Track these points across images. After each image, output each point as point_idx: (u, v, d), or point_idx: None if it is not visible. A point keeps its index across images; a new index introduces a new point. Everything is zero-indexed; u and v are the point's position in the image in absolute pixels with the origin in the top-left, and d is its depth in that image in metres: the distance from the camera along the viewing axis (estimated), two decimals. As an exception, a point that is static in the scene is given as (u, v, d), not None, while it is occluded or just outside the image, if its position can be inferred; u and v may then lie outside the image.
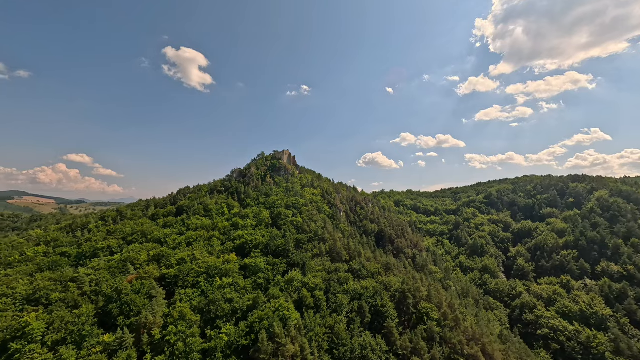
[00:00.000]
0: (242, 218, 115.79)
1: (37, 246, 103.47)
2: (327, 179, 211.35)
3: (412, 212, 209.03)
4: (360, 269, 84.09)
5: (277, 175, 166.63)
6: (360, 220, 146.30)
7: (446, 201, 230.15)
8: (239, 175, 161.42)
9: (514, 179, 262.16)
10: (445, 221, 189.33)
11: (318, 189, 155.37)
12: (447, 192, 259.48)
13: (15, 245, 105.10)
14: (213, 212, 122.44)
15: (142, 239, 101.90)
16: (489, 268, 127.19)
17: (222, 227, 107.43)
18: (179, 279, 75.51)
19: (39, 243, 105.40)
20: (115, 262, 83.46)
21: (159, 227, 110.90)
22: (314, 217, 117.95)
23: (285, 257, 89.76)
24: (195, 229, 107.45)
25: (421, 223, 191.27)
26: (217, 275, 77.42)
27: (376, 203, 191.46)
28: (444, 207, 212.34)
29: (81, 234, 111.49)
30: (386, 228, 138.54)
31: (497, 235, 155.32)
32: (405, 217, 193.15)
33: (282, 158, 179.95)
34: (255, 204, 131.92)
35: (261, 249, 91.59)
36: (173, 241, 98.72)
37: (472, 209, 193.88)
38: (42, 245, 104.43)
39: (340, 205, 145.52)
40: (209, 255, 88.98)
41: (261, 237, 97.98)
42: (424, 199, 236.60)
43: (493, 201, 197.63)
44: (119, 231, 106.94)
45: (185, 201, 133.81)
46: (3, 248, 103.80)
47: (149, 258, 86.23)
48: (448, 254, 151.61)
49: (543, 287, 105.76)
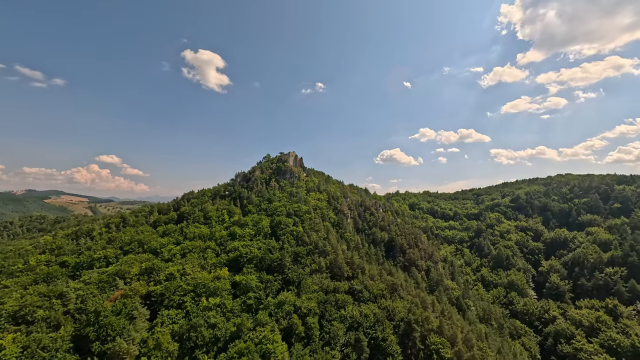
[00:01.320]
0: (240, 226, 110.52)
1: (42, 254, 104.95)
2: (337, 181, 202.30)
3: (428, 216, 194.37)
4: (361, 290, 75.01)
5: (283, 179, 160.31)
6: (369, 227, 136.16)
7: (467, 204, 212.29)
8: (243, 179, 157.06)
9: (545, 178, 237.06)
10: (465, 227, 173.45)
11: (324, 193, 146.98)
12: (468, 193, 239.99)
13: (22, 252, 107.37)
14: (213, 220, 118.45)
15: (139, 249, 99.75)
16: (516, 284, 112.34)
17: (219, 237, 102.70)
18: (164, 297, 70.93)
19: (43, 251, 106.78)
20: (106, 275, 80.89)
21: (157, 235, 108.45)
22: (316, 225, 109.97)
23: (280, 273, 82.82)
24: (192, 238, 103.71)
25: (438, 229, 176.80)
26: (205, 294, 72.07)
27: (389, 207, 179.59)
28: (464, 211, 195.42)
29: (84, 242, 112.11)
30: (397, 237, 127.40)
31: (526, 246, 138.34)
32: (421, 222, 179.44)
33: (287, 160, 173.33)
34: (256, 210, 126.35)
35: (255, 264, 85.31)
36: (168, 252, 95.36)
37: (496, 213, 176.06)
38: (46, 252, 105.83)
39: (347, 211, 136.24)
40: (200, 270, 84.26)
41: (257, 249, 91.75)
42: (442, 202, 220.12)
43: (521, 205, 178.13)
44: (119, 240, 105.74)
45: (187, 207, 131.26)
46: (10, 256, 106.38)
47: (140, 271, 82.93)
48: (468, 265, 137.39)
49: (583, 312, 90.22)
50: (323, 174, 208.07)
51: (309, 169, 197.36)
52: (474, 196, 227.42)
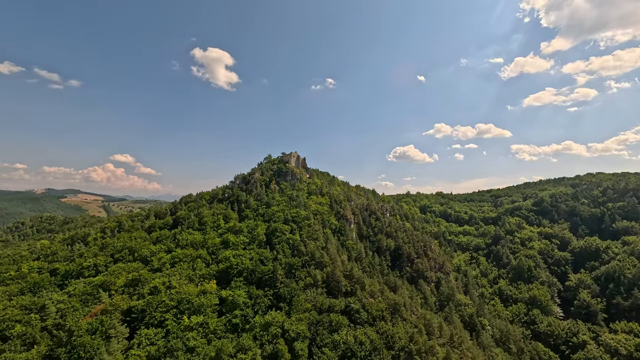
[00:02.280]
0: (235, 233, 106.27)
1: (36, 260, 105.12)
2: (342, 182, 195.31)
3: (441, 220, 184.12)
4: (359, 310, 68.48)
5: (284, 181, 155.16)
6: (374, 234, 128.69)
7: (484, 206, 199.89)
8: (242, 182, 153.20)
9: (573, 178, 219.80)
10: (482, 232, 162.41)
11: (326, 197, 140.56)
12: (486, 195, 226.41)
13: (17, 258, 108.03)
14: (208, 225, 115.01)
15: (129, 257, 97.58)
16: (539, 300, 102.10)
17: (211, 245, 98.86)
18: (146, 313, 67.29)
19: (38, 257, 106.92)
20: (91, 286, 78.60)
21: (149, 242, 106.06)
22: (315, 233, 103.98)
23: (271, 288, 77.59)
24: (184, 246, 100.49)
25: (451, 234, 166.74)
26: (188, 312, 67.91)
27: (398, 210, 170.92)
28: (480, 215, 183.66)
29: (78, 247, 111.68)
30: (404, 245, 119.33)
31: (551, 255, 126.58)
32: (433, 227, 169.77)
33: (289, 161, 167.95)
34: (254, 215, 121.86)
35: (245, 276, 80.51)
36: (158, 260, 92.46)
37: (517, 218, 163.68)
38: (40, 259, 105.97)
39: (350, 216, 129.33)
40: (188, 282, 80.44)
41: (249, 260, 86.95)
42: (456, 204, 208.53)
43: (545, 209, 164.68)
44: (111, 246, 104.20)
45: (183, 211, 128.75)
46: (5, 261, 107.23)
47: (126, 282, 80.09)
48: (484, 276, 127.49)
49: (619, 337, 79.62)
50: (328, 174, 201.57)
51: (313, 170, 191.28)
52: (492, 198, 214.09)
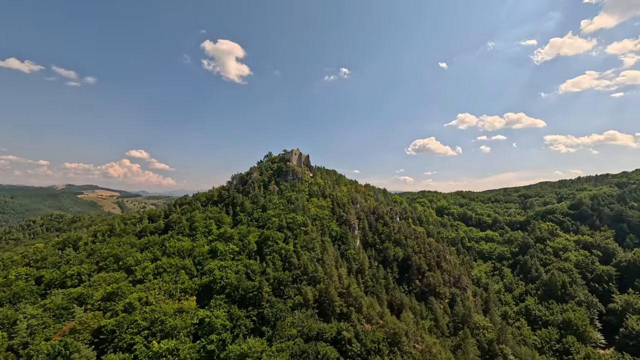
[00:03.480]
0: (225, 241, 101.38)
1: (26, 266, 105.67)
2: (349, 181, 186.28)
3: (460, 223, 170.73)
4: (351, 339, 60.68)
5: (284, 181, 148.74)
6: (381, 241, 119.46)
7: (510, 208, 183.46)
8: (239, 182, 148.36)
9: (619, 175, 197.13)
10: (507, 239, 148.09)
11: (328, 199, 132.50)
12: (513, 194, 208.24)
13: (8, 263, 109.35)
14: (198, 231, 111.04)
15: (114, 265, 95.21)
16: (575, 325, 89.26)
17: (198, 254, 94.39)
18: (115, 335, 63.34)
19: (28, 262, 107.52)
20: (67, 299, 76.29)
21: (136, 249, 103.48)
22: (310, 242, 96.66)
23: (256, 307, 71.44)
24: (171, 254, 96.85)
25: (472, 240, 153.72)
26: (160, 334, 63.24)
27: (411, 212, 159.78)
28: (506, 218, 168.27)
29: (68, 252, 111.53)
30: (414, 255, 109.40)
31: (591, 270, 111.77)
32: (450, 232, 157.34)
33: (290, 159, 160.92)
34: (247, 220, 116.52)
35: (228, 293, 74.87)
36: (142, 270, 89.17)
37: (549, 223, 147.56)
38: (31, 264, 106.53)
39: (354, 221, 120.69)
40: (167, 297, 76.23)
41: (234, 273, 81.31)
42: (477, 205, 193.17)
43: (584, 212, 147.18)
44: (98, 253, 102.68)
45: (176, 215, 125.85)
46: None
47: (103, 296, 77.06)
48: (508, 292, 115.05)
49: (679, 380, 66.48)
50: (335, 172, 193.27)
51: (317, 168, 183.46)
52: (520, 198, 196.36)
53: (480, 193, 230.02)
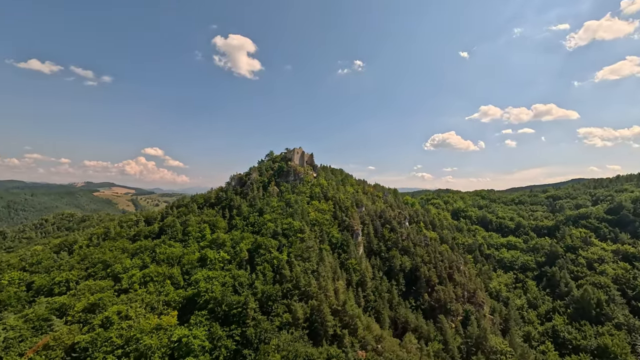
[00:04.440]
0: (217, 247, 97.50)
1: (22, 270, 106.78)
2: (358, 181, 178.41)
3: (478, 228, 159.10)
4: (341, 370, 54.38)
5: (285, 182, 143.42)
6: (387, 249, 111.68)
7: (537, 211, 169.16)
8: (238, 183, 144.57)
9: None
10: (532, 247, 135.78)
11: (330, 202, 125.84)
12: (540, 195, 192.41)
13: (4, 267, 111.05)
14: (191, 236, 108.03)
15: (102, 272, 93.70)
16: (613, 353, 78.45)
17: (187, 262, 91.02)
18: (88, 354, 60.48)
19: (24, 267, 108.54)
20: (49, 310, 74.90)
21: (127, 255, 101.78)
22: (306, 251, 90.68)
23: (240, 326, 66.55)
24: (160, 261, 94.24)
25: (491, 247, 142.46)
26: (134, 354, 59.72)
27: (422, 216, 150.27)
28: (531, 223, 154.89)
29: (62, 257, 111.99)
30: (423, 265, 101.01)
31: (632, 286, 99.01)
32: (467, 238, 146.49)
33: (292, 158, 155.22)
34: (243, 224, 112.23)
35: (211, 308, 70.45)
36: (129, 278, 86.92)
37: (582, 229, 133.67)
38: (26, 268, 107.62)
39: (357, 227, 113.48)
40: (148, 311, 72.98)
41: (220, 285, 76.88)
42: (499, 207, 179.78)
43: (625, 218, 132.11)
44: (89, 258, 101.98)
45: (171, 218, 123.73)
46: None
47: (84, 307, 75.01)
48: (532, 308, 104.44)
49: None
50: (341, 172, 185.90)
51: (322, 168, 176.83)
52: (549, 200, 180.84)
53: (502, 193, 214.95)
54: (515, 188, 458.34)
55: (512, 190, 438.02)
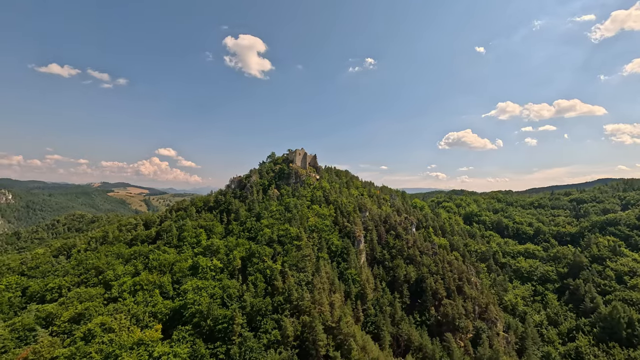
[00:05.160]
0: (211, 255, 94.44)
1: (20, 274, 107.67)
2: (363, 183, 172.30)
3: (493, 234, 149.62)
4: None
5: (285, 185, 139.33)
6: (391, 257, 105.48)
7: (559, 216, 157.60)
8: (238, 186, 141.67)
9: None
10: (553, 256, 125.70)
11: (331, 206, 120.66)
12: (562, 198, 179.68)
13: (4, 270, 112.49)
14: (186, 241, 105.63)
15: (94, 279, 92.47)
16: (647, 382, 69.42)
17: (178, 270, 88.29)
18: (66, 369, 58.17)
19: (23, 271, 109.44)
20: (35, 319, 73.80)
21: (121, 261, 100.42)
22: (302, 260, 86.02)
23: (225, 343, 62.70)
24: (152, 268, 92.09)
25: (507, 255, 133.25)
26: (111, 372, 56.85)
27: (432, 220, 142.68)
28: (552, 229, 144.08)
29: (60, 261, 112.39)
30: (430, 276, 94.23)
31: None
32: (480, 244, 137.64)
33: (294, 160, 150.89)
34: (239, 230, 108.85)
35: (196, 322, 66.97)
36: (119, 286, 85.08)
37: (610, 237, 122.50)
38: (25, 272, 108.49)
39: (359, 233, 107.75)
40: (133, 323, 70.36)
41: (208, 297, 73.44)
42: (516, 210, 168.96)
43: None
44: (84, 264, 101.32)
45: (170, 221, 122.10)
46: None
47: (71, 317, 73.41)
48: (553, 326, 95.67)
49: None
50: (346, 173, 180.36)
51: (327, 169, 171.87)
52: (572, 204, 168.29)
53: (520, 196, 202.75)
54: (535, 188, 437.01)
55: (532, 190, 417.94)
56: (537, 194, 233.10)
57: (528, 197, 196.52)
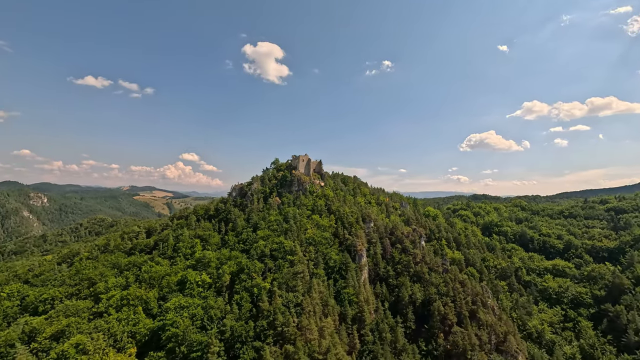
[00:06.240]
0: (201, 268, 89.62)
1: (24, 283, 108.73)
2: (371, 190, 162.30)
3: (516, 247, 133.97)
4: None
5: (288, 192, 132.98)
6: (396, 274, 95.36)
7: (594, 227, 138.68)
8: (239, 194, 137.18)
9: None
10: (588, 275, 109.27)
11: (332, 216, 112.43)
12: (597, 206, 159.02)
13: (10, 277, 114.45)
14: (181, 252, 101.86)
15: (87, 291, 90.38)
16: None
17: (166, 285, 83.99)
18: (32, 394, 54.32)
19: (27, 280, 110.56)
20: (19, 334, 71.77)
21: (116, 271, 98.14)
22: (293, 278, 78.44)
23: (199, 373, 56.36)
24: (143, 281, 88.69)
25: (532, 272, 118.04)
26: (75, 402, 52.15)
27: (446, 232, 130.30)
28: (586, 242, 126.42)
29: (61, 269, 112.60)
30: (438, 298, 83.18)
31: None
32: (500, 260, 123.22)
33: (297, 167, 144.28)
34: (235, 241, 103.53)
35: (170, 348, 61.31)
36: (107, 300, 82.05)
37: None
38: (29, 279, 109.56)
39: (361, 247, 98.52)
40: (110, 344, 66.12)
41: (189, 318, 67.81)
42: (543, 221, 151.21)
43: None
44: (80, 274, 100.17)
45: (169, 230, 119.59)
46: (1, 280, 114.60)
47: (53, 333, 70.61)
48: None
49: None
50: (354, 180, 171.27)
51: (334, 175, 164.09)
52: (609, 213, 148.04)
53: (548, 204, 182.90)
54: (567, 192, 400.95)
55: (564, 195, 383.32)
56: (568, 200, 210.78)
57: (557, 205, 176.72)
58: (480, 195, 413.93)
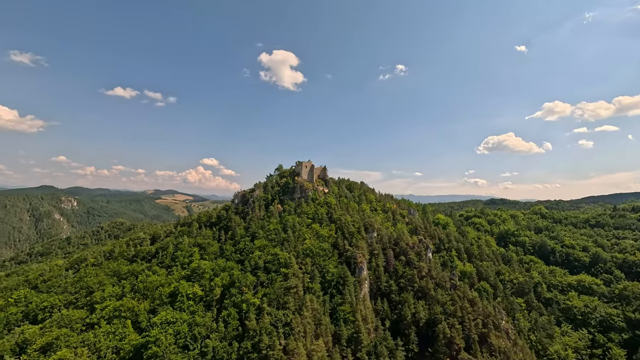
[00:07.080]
0: (194, 279, 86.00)
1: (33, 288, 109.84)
2: (377, 197, 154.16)
3: (535, 259, 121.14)
4: None
5: (290, 200, 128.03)
6: (399, 289, 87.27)
7: (624, 239, 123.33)
8: (241, 201, 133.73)
9: None
10: (619, 293, 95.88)
11: (333, 225, 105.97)
12: (628, 214, 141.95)
13: (21, 282, 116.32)
14: (178, 261, 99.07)
15: (84, 300, 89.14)
16: None
17: (158, 296, 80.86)
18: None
19: (36, 285, 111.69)
20: (12, 344, 70.62)
21: (115, 279, 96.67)
22: (285, 294, 72.70)
23: (175, 400, 51.64)
24: (137, 291, 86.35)
25: (554, 288, 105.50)
26: None
27: (456, 242, 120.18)
28: (616, 255, 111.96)
29: (67, 275, 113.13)
30: (444, 319, 74.41)
31: None
32: (517, 274, 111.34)
33: (300, 173, 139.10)
34: (232, 251, 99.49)
35: (150, 370, 57.14)
36: (101, 311, 79.99)
37: None
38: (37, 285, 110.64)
39: (362, 259, 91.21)
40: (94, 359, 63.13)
41: (172, 336, 63.67)
42: (566, 230, 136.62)
43: None
44: (80, 282, 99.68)
45: (170, 238, 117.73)
46: (12, 285, 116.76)
47: (43, 345, 68.84)
48: (621, 397, 68.98)
49: None
50: (361, 185, 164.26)
51: (339, 181, 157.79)
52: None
53: (571, 212, 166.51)
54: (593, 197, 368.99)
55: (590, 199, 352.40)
56: (595, 207, 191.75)
57: (582, 212, 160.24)
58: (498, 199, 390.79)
